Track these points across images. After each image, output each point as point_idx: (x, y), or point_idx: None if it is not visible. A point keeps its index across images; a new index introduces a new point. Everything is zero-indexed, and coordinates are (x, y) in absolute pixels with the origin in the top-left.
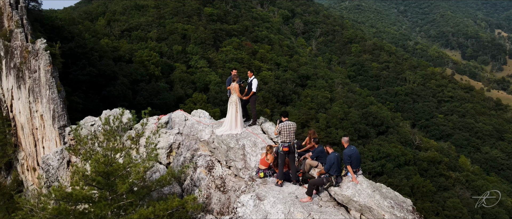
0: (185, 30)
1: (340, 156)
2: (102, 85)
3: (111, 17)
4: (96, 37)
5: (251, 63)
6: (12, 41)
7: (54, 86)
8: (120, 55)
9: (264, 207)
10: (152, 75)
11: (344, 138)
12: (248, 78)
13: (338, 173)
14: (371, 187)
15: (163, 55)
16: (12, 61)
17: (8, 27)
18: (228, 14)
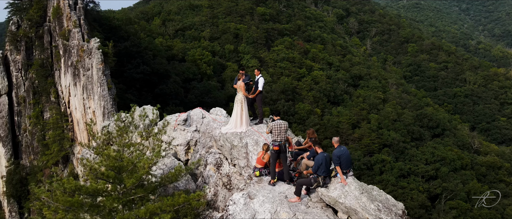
0: (237, 29)
1: (329, 157)
2: (155, 83)
3: (166, 17)
4: (151, 36)
5: (302, 63)
6: (70, 40)
7: (105, 84)
8: (173, 54)
9: (253, 206)
10: (204, 73)
11: (334, 138)
12: (255, 76)
13: (326, 173)
14: (359, 189)
15: (215, 54)
16: (69, 60)
17: (67, 27)
18: (280, 13)
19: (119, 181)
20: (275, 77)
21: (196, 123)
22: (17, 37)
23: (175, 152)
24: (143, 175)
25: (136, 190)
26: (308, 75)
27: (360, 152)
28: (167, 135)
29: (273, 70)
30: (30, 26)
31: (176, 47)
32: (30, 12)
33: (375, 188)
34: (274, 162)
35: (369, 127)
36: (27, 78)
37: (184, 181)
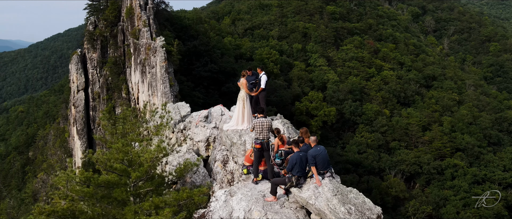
0: (306, 28)
1: (305, 156)
2: (222, 81)
3: (235, 16)
4: (220, 35)
5: (371, 62)
6: (139, 39)
7: (166, 81)
8: (241, 53)
9: (232, 203)
10: (271, 72)
11: (311, 138)
12: (258, 74)
13: (301, 173)
14: (333, 191)
15: (283, 53)
16: (138, 58)
17: (137, 26)
18: (351, 12)
19: (127, 174)
20: (343, 77)
21: (215, 120)
22: (93, 36)
23: (198, 149)
24: (147, 169)
25: (145, 184)
26: (377, 75)
27: (430, 155)
28: (192, 131)
29: (341, 70)
30: (105, 26)
31: (244, 46)
32: (106, 13)
33: (354, 191)
34: (257, 160)
35: (441, 130)
36: (102, 75)
37: (201, 177)
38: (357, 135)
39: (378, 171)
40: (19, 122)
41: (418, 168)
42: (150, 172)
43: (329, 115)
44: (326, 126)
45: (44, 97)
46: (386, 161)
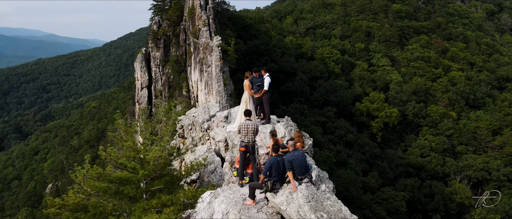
0: (369, 27)
1: (282, 161)
2: (282, 81)
3: (298, 16)
4: (282, 34)
5: (438, 62)
6: (199, 38)
7: (221, 80)
8: (302, 52)
9: (214, 205)
10: (332, 72)
11: (289, 142)
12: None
13: (278, 178)
14: (307, 198)
15: (344, 53)
16: (198, 56)
17: (197, 26)
18: (418, 10)
19: (136, 172)
20: (407, 77)
21: (234, 120)
22: (157, 36)
23: (218, 148)
24: (153, 167)
25: (155, 182)
26: (444, 76)
27: (500, 161)
28: (214, 131)
29: (406, 70)
30: (168, 25)
31: (306, 45)
32: (169, 12)
33: (332, 198)
34: (242, 163)
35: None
36: (164, 73)
37: (218, 176)
38: (420, 138)
39: (442, 176)
40: (91, 117)
41: (487, 174)
42: (157, 171)
43: (390, 116)
44: (387, 127)
45: (115, 94)
46: (451, 166)
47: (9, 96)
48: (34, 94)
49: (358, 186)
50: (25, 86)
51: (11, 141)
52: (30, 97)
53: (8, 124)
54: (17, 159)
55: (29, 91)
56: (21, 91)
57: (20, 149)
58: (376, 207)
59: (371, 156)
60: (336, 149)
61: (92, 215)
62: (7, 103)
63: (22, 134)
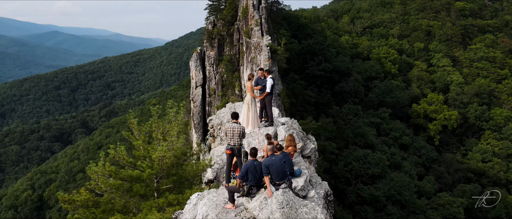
0: (429, 26)
1: (260, 166)
2: (336, 81)
3: (355, 15)
4: (337, 34)
5: (505, 63)
6: (251, 38)
7: None
8: (358, 52)
9: (198, 207)
10: (388, 72)
11: (268, 146)
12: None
13: (255, 182)
14: (281, 204)
15: (402, 53)
16: (249, 56)
17: (250, 25)
18: (484, 8)
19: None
20: (470, 78)
21: None
22: (212, 35)
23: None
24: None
25: (163, 181)
26: (511, 77)
27: None
28: None
29: (468, 71)
30: (223, 25)
31: (362, 45)
32: (224, 12)
33: (309, 205)
34: (228, 165)
35: None
36: (218, 72)
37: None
38: (482, 142)
39: (505, 183)
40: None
41: None
42: (164, 170)
43: (449, 119)
44: (446, 130)
45: (174, 92)
46: None
47: (77, 93)
48: (100, 91)
49: (412, 190)
50: (92, 83)
51: (78, 135)
52: (96, 93)
53: (76, 119)
54: (82, 152)
55: (95, 88)
56: (88, 88)
57: (85, 143)
58: (432, 212)
59: (427, 160)
60: (390, 152)
61: (102, 212)
62: (75, 99)
63: (88, 129)
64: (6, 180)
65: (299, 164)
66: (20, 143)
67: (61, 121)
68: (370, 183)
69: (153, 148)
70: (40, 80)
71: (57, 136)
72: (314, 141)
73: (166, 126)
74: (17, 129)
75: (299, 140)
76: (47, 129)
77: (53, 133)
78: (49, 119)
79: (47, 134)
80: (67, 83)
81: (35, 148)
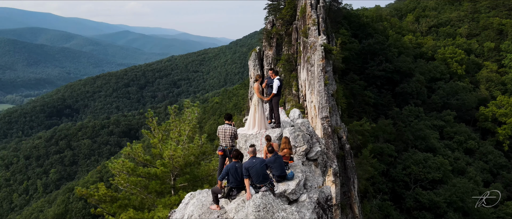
0: (502, 25)
1: (241, 167)
2: (396, 82)
3: (420, 13)
4: (400, 33)
5: None
6: (308, 37)
7: (321, 80)
8: (422, 52)
9: (188, 206)
10: (454, 73)
11: (249, 148)
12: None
13: (236, 184)
14: (257, 208)
15: (470, 53)
16: (306, 55)
17: (307, 25)
18: None
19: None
20: None
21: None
22: (270, 35)
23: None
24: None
25: (178, 179)
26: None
27: None
28: None
29: None
30: (281, 24)
31: (426, 44)
32: (282, 12)
33: (288, 209)
34: (221, 166)
35: None
36: None
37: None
38: None
39: None
40: (213, 112)
41: None
42: (176, 169)
43: None
44: None
45: (236, 90)
46: None
47: (145, 90)
48: (166, 88)
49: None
50: (159, 81)
51: None
52: (163, 91)
53: (143, 116)
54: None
55: (162, 85)
56: (155, 85)
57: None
58: None
59: (495, 166)
60: (454, 156)
61: (118, 206)
62: (143, 97)
63: None
64: (78, 172)
65: (295, 167)
66: (92, 137)
67: (129, 117)
68: (430, 188)
69: (165, 147)
70: (111, 78)
71: (125, 131)
72: (322, 143)
73: (181, 126)
74: (89, 124)
75: (303, 142)
76: (117, 125)
77: (121, 128)
78: (118, 115)
79: (116, 129)
80: (136, 81)
81: (105, 142)
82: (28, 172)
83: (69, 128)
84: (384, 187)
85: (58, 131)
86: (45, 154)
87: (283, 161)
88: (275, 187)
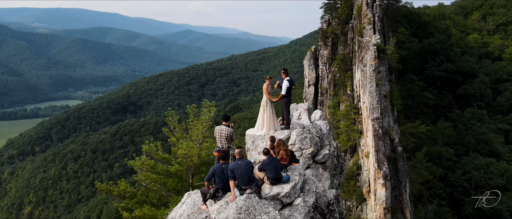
0: None
1: (227, 169)
2: (458, 83)
3: (487, 11)
4: (464, 32)
5: None
6: (363, 37)
7: (373, 80)
8: (487, 52)
9: (182, 206)
10: None
11: (236, 150)
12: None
13: (221, 185)
14: (238, 210)
15: None
16: (360, 55)
17: (363, 24)
18: None
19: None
20: None
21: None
22: (326, 34)
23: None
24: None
25: (195, 178)
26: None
27: None
28: None
29: None
30: (337, 24)
31: (493, 44)
32: (339, 11)
33: (272, 214)
34: None
35: None
36: (330, 71)
37: None
38: None
39: None
40: None
41: None
42: (191, 168)
43: None
44: None
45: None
46: None
47: (206, 88)
48: (226, 87)
49: None
50: (219, 80)
51: None
52: (223, 89)
53: None
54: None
55: (222, 84)
56: (216, 84)
57: None
58: None
59: None
60: None
61: (136, 202)
62: (204, 95)
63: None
64: None
65: (294, 170)
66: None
67: None
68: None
69: (180, 146)
70: (173, 76)
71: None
72: (333, 147)
73: (198, 125)
74: (151, 121)
75: (310, 145)
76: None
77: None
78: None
79: None
80: (197, 79)
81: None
82: (94, 166)
83: (133, 124)
84: (442, 192)
85: (122, 127)
86: (110, 148)
87: (278, 164)
88: (269, 189)
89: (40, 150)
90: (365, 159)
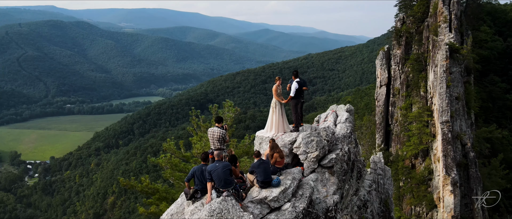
0: None
1: (206, 170)
2: None
3: None
4: None
5: None
6: (438, 36)
7: (444, 81)
8: None
9: (173, 205)
10: None
11: (215, 152)
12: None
13: (200, 187)
14: (211, 212)
15: None
16: (434, 55)
17: (438, 22)
18: None
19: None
20: None
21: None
22: (400, 33)
23: None
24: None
25: None
26: None
27: None
28: None
29: None
30: (412, 22)
31: None
32: (414, 9)
33: (246, 216)
34: None
35: None
36: (403, 72)
37: None
38: None
39: None
40: None
41: None
42: None
43: None
44: None
45: (368, 90)
46: None
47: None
48: None
49: None
50: None
51: None
52: None
53: None
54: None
55: None
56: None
57: None
58: None
59: None
60: None
61: (157, 199)
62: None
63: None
64: None
65: (288, 174)
66: None
67: (265, 113)
68: None
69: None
70: (250, 74)
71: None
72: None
73: None
74: None
75: (316, 148)
76: (252, 120)
77: (257, 123)
78: (254, 111)
79: (252, 124)
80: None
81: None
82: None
83: None
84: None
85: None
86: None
87: (268, 167)
88: (257, 192)
89: (123, 144)
90: (437, 164)
